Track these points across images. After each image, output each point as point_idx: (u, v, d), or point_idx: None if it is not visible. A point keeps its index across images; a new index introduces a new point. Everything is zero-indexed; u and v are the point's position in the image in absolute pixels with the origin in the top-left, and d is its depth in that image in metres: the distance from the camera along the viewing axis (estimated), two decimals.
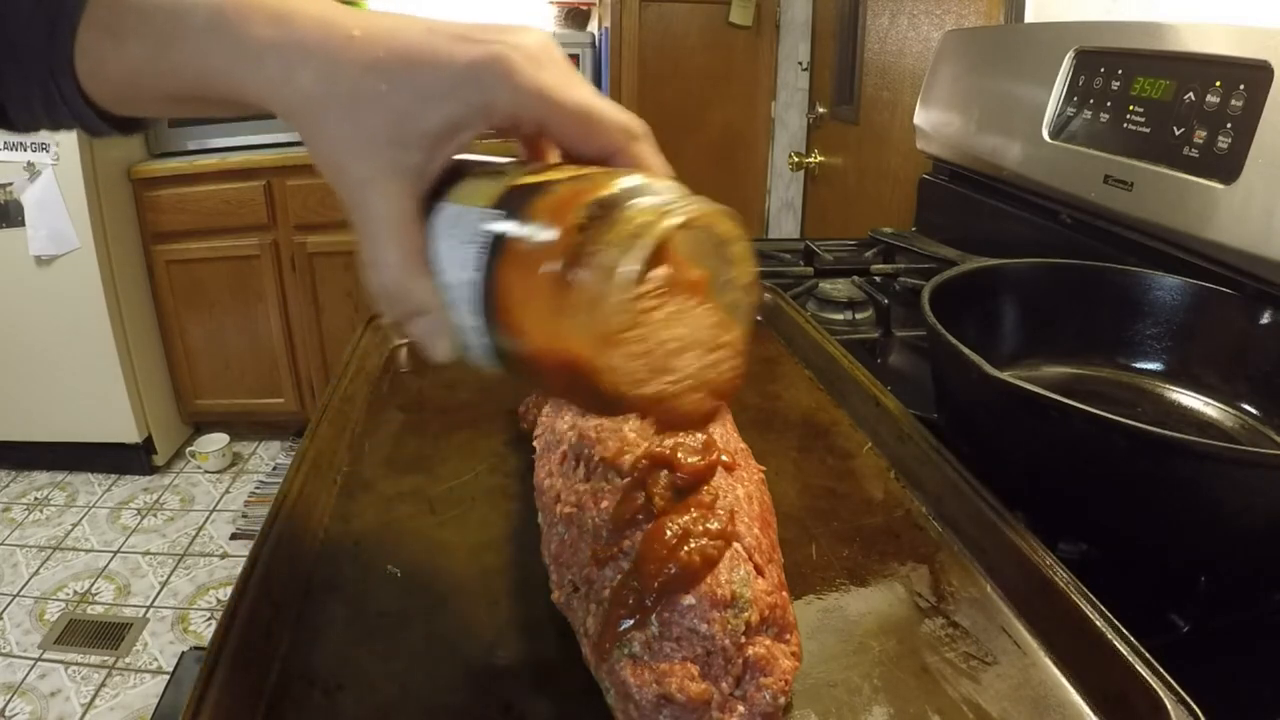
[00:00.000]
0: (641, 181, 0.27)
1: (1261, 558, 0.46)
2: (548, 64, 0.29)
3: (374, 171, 0.29)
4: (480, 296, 0.28)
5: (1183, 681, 0.34)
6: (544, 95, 0.29)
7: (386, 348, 0.74)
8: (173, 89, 0.32)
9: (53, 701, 1.58)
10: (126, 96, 0.34)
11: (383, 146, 0.29)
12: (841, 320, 0.93)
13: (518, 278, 0.27)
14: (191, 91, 0.32)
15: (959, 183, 1.15)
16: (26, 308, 2.12)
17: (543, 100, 0.29)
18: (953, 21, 1.40)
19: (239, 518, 2.18)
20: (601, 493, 0.40)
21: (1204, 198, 0.68)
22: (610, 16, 2.25)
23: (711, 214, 0.27)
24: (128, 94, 0.34)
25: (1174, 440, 0.41)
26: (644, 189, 0.26)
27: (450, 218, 0.29)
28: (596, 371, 0.26)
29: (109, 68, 0.33)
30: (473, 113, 0.29)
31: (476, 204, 0.29)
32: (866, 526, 0.50)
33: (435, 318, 0.30)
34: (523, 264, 0.26)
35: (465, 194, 0.30)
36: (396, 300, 0.30)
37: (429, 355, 0.31)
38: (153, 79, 0.32)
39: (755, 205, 2.54)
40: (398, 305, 0.31)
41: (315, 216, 2.21)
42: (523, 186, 0.28)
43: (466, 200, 0.29)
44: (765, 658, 0.34)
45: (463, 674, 0.38)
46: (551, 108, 0.29)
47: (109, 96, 0.34)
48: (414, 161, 0.29)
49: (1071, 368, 0.67)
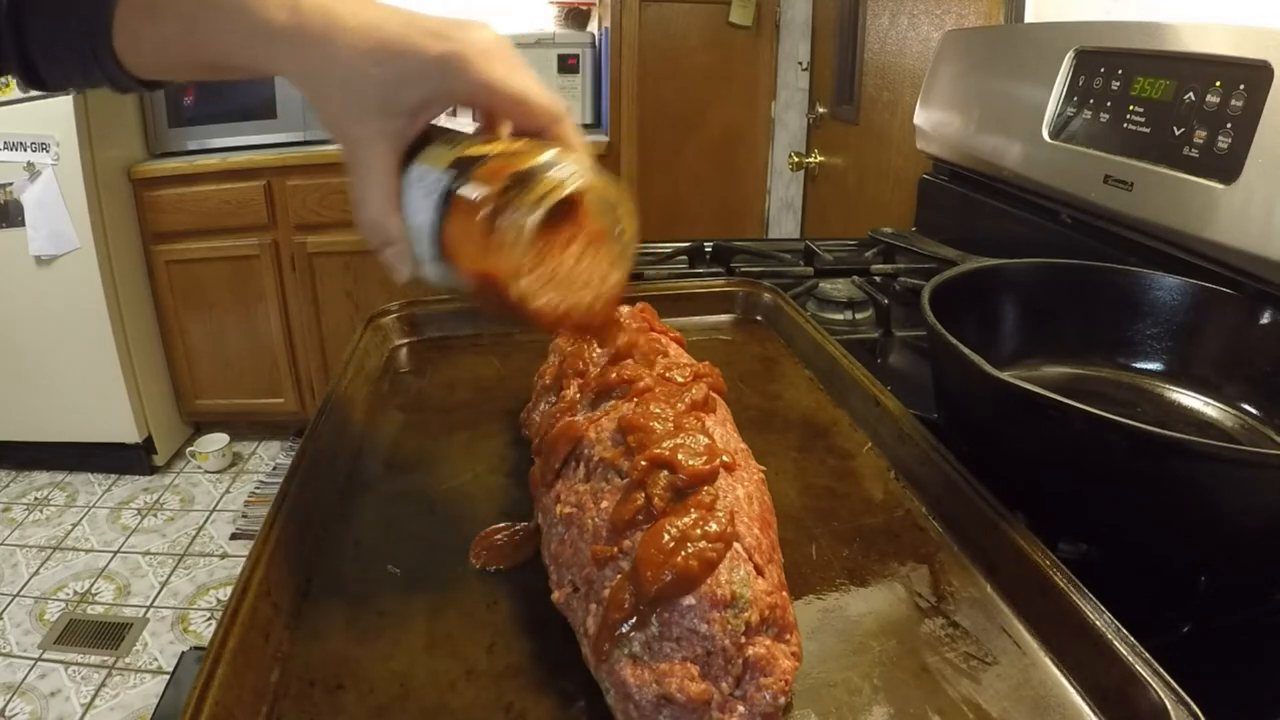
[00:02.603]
0: (553, 157, 0.36)
1: (1261, 558, 0.46)
2: (497, 59, 0.37)
3: (365, 133, 0.38)
4: (433, 235, 0.38)
5: (1183, 681, 0.34)
6: (490, 85, 0.37)
7: (386, 348, 0.74)
8: (198, 59, 0.40)
9: (53, 701, 1.58)
10: (156, 64, 0.42)
11: (373, 115, 0.37)
12: (841, 320, 0.93)
13: (460, 223, 0.37)
14: (215, 61, 0.40)
15: (959, 183, 1.15)
16: (26, 308, 2.12)
17: (489, 89, 0.38)
18: (953, 21, 1.40)
19: (239, 518, 2.18)
20: (601, 493, 0.40)
21: (1204, 198, 0.68)
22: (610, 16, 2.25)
23: (599, 184, 0.37)
24: (158, 61, 0.42)
25: (1174, 440, 0.41)
26: (553, 164, 0.36)
27: (418, 174, 0.38)
28: (510, 291, 0.36)
29: (143, 41, 0.40)
30: (440, 94, 0.38)
31: (437, 166, 0.38)
32: (866, 526, 0.50)
33: (401, 248, 0.40)
34: (464, 213, 0.36)
35: (430, 156, 0.39)
36: (375, 232, 0.39)
37: (395, 277, 0.40)
38: (181, 51, 0.40)
39: (755, 205, 2.54)
40: (376, 236, 0.39)
41: (315, 216, 2.21)
42: (469, 157, 0.37)
43: (430, 162, 0.38)
44: (765, 658, 0.34)
45: (463, 674, 0.38)
46: (495, 95, 0.38)
47: (141, 64, 0.41)
48: (396, 127, 0.38)
49: (1071, 368, 0.67)
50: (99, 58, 0.41)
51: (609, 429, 0.43)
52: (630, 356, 0.49)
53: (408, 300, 0.77)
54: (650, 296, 0.72)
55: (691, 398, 0.45)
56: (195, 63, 0.41)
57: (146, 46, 0.41)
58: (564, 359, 0.54)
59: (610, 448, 0.42)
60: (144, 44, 0.41)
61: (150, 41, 0.40)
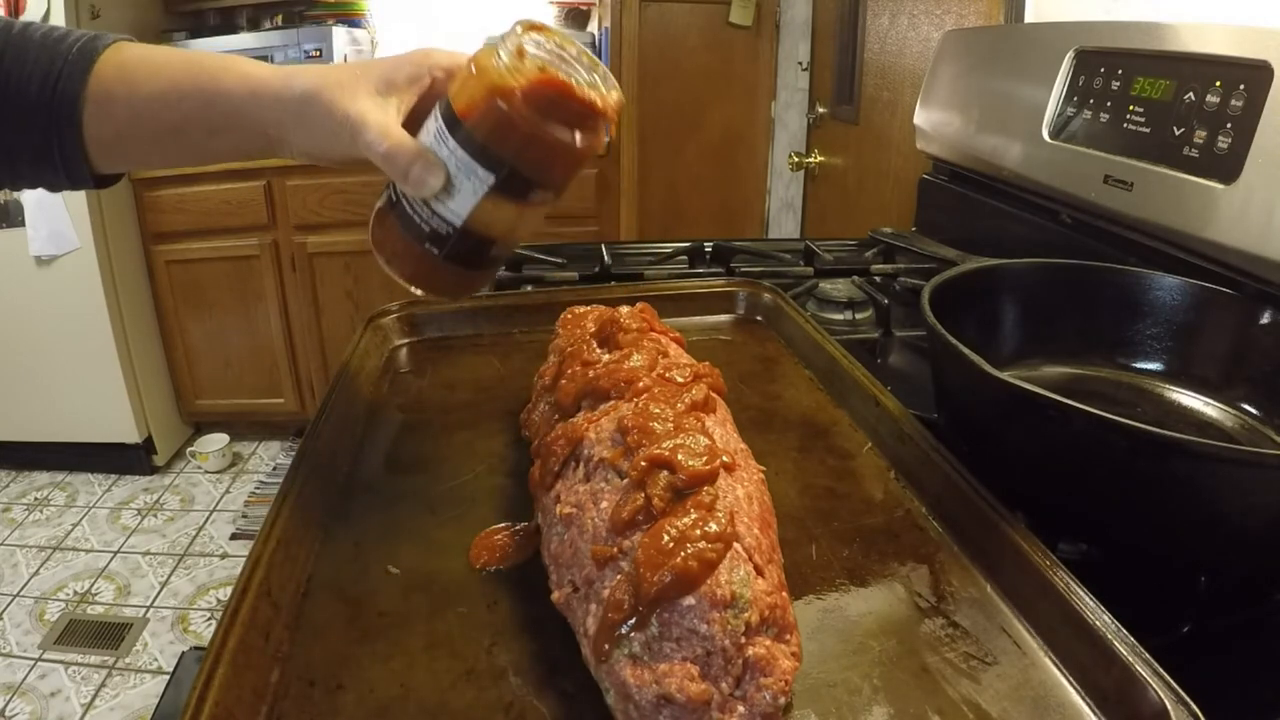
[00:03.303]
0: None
1: (1261, 558, 0.46)
2: (447, 53, 0.48)
3: (372, 105, 0.45)
4: (447, 117, 0.44)
5: (1183, 681, 0.34)
6: (443, 66, 0.48)
7: (386, 348, 0.74)
8: (175, 120, 0.47)
9: (53, 702, 1.58)
10: (127, 132, 0.48)
11: (374, 92, 0.45)
12: (841, 320, 0.93)
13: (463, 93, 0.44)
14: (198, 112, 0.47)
15: (959, 183, 1.15)
16: (26, 308, 2.12)
17: (441, 69, 0.48)
18: (953, 21, 1.40)
19: (239, 518, 2.18)
20: (601, 493, 0.40)
21: (1204, 198, 0.68)
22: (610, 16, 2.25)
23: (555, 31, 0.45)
24: (129, 129, 0.47)
25: (1174, 440, 0.41)
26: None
27: (427, 124, 0.46)
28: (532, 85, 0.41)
29: (116, 104, 0.46)
30: (421, 72, 0.47)
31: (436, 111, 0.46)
32: (866, 526, 0.50)
33: (425, 158, 0.44)
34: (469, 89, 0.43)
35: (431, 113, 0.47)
36: (399, 161, 0.44)
37: (423, 188, 0.44)
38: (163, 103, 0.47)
39: (755, 205, 2.54)
40: (400, 161, 0.44)
41: (315, 217, 2.21)
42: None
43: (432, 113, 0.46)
44: (765, 658, 0.34)
45: (463, 674, 0.38)
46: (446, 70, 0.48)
47: (107, 137, 0.47)
48: (395, 100, 0.46)
49: (1071, 368, 0.67)
50: (61, 135, 0.46)
51: (609, 429, 0.43)
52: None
53: (408, 300, 0.77)
54: (650, 296, 0.72)
55: (691, 398, 0.45)
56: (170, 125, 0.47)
57: (120, 110, 0.46)
58: (564, 359, 0.54)
59: (610, 448, 0.42)
60: (118, 107, 0.46)
61: (125, 105, 0.46)
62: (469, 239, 0.46)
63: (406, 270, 0.49)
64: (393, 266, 0.49)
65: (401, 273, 0.49)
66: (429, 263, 0.47)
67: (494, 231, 0.47)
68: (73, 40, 0.46)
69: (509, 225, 0.47)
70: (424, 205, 0.46)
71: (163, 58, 0.47)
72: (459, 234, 0.46)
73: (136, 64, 0.47)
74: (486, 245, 0.48)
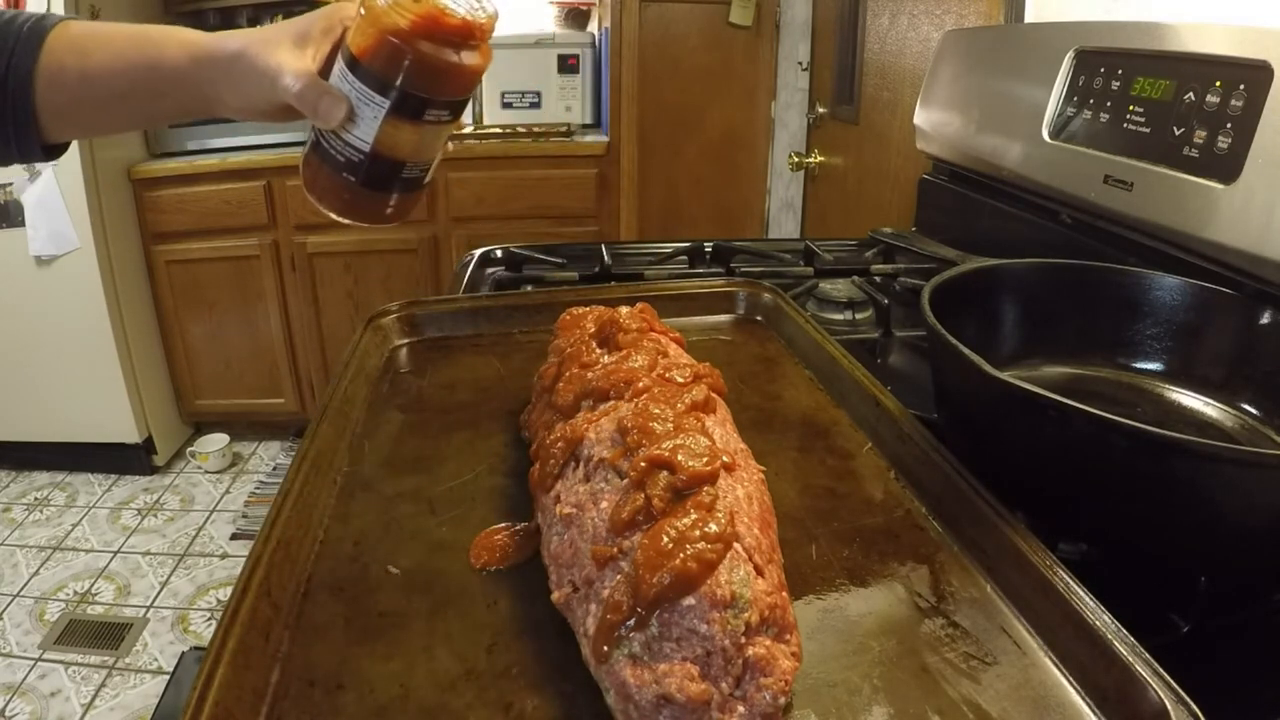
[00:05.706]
0: None
1: (1261, 558, 0.46)
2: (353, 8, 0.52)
3: (289, 55, 0.50)
4: (346, 56, 0.50)
5: (1183, 681, 0.34)
6: (351, 17, 0.50)
7: (386, 348, 0.74)
8: (123, 86, 0.51)
9: (53, 702, 1.58)
10: (82, 95, 0.51)
11: (292, 45, 0.50)
12: (841, 320, 0.93)
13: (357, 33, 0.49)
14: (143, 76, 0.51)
15: (959, 183, 1.15)
16: (26, 308, 2.12)
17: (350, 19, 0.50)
18: (953, 21, 1.40)
19: (239, 518, 2.18)
20: (601, 493, 0.40)
21: (1204, 198, 0.68)
22: (610, 16, 2.25)
23: None
24: (83, 92, 0.51)
25: (1174, 440, 0.41)
26: None
27: (335, 67, 0.51)
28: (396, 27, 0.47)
29: (68, 72, 0.50)
30: (333, 24, 0.52)
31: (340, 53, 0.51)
32: (866, 526, 0.50)
33: (330, 93, 0.50)
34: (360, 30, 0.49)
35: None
36: (309, 96, 0.49)
37: (330, 119, 0.50)
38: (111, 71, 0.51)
39: (755, 205, 2.54)
40: (310, 97, 0.49)
41: (315, 216, 2.19)
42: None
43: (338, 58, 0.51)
44: (765, 658, 0.34)
45: (463, 674, 0.38)
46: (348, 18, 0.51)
47: (61, 100, 0.51)
48: (311, 49, 0.51)
49: (1071, 368, 0.67)
50: (15, 109, 0.50)
51: (609, 429, 0.43)
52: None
53: (408, 300, 0.77)
54: (650, 296, 0.72)
55: (691, 398, 0.45)
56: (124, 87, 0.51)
57: (72, 78, 0.50)
58: (564, 360, 0.54)
59: (610, 448, 0.42)
60: (69, 76, 0.50)
61: (76, 74, 0.50)
62: (379, 161, 0.52)
63: (334, 203, 0.54)
64: (323, 202, 0.55)
65: (331, 206, 0.55)
66: (351, 191, 0.53)
67: (400, 153, 0.52)
68: (23, 20, 0.51)
69: (413, 145, 0.52)
70: (336, 137, 0.52)
71: (110, 31, 0.52)
72: (369, 158, 0.51)
73: (86, 37, 0.52)
74: (398, 166, 0.53)
